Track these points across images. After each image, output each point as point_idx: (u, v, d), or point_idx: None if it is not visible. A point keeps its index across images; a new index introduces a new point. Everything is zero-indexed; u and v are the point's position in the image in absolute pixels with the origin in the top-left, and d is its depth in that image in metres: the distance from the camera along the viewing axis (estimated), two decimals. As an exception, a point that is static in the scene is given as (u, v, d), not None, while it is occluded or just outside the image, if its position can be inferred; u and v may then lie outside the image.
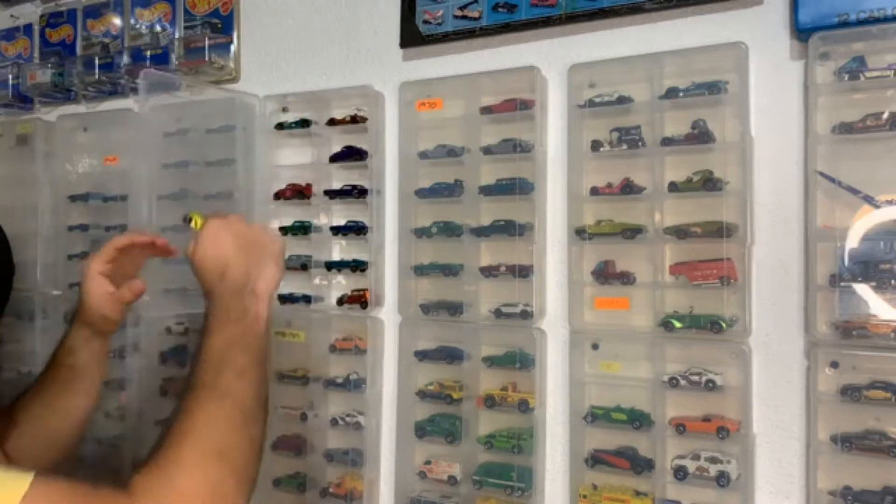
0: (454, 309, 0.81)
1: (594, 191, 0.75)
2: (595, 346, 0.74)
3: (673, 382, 0.70)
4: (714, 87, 0.69)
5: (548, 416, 0.77)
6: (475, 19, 0.79)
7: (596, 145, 0.74)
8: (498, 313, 0.79)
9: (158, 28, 1.06)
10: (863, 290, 0.64)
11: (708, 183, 0.69)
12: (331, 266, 0.90)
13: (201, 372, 0.53)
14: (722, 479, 0.68)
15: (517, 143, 0.78)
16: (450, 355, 0.82)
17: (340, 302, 0.89)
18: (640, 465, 0.71)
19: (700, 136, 0.70)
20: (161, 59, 1.04)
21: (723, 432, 0.68)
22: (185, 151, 1.01)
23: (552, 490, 0.77)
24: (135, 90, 1.08)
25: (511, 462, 0.78)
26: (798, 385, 0.67)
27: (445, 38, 0.81)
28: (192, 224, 0.64)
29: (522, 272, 0.77)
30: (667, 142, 0.71)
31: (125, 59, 1.06)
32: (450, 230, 0.82)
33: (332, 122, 0.91)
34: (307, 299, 0.92)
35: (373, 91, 0.88)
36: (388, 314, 0.88)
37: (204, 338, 0.56)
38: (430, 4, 0.82)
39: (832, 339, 0.64)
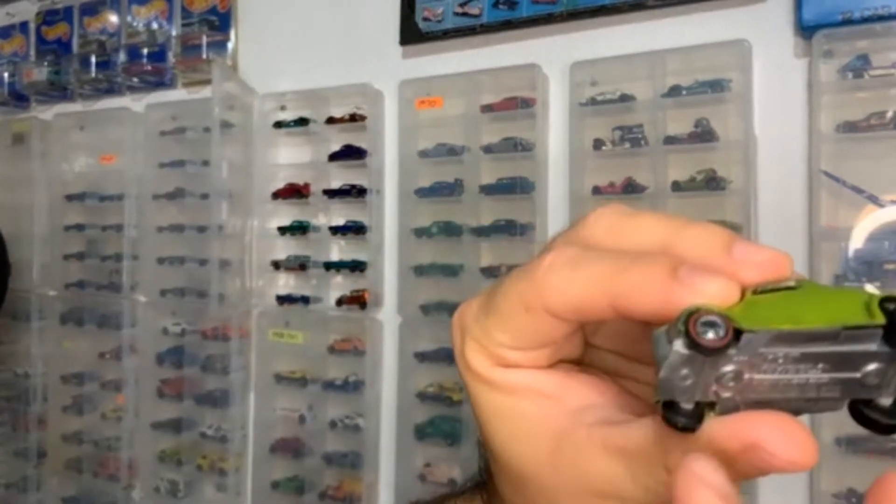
0: (455, 310, 0.80)
1: (596, 190, 0.74)
2: (597, 347, 0.74)
3: (675, 384, 0.70)
4: (717, 85, 0.68)
5: (549, 418, 0.77)
6: (475, 16, 0.78)
7: (598, 144, 0.74)
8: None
9: (155, 26, 1.05)
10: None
11: (711, 182, 0.69)
12: (329, 266, 0.89)
13: None
14: (725, 482, 0.67)
15: (518, 142, 0.77)
16: (450, 357, 0.81)
17: (339, 302, 0.89)
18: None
19: (703, 134, 0.69)
20: (158, 57, 1.03)
21: (726, 434, 0.67)
22: (182, 150, 1.01)
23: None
24: (131, 88, 1.07)
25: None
26: (802, 386, 0.66)
27: (445, 35, 0.81)
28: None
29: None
30: (669, 140, 0.70)
31: (122, 57, 1.05)
32: (450, 230, 0.82)
33: (330, 120, 0.90)
34: (305, 300, 0.91)
35: (372, 89, 0.87)
36: (387, 315, 0.87)
37: None
38: (430, 1, 0.82)
39: (836, 340, 0.63)
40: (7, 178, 1.16)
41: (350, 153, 0.88)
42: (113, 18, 1.10)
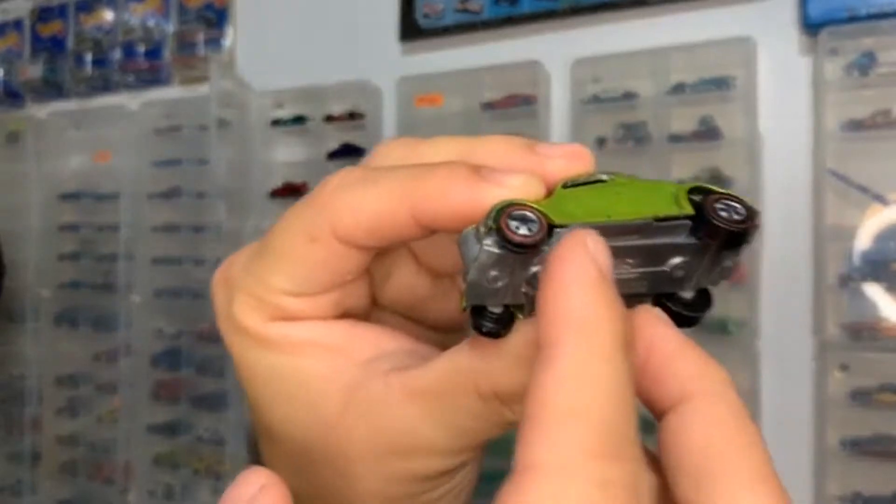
0: (454, 310, 0.79)
1: (598, 189, 0.73)
2: (599, 349, 0.73)
3: (679, 386, 0.69)
4: (722, 83, 0.68)
5: (550, 420, 0.76)
6: (476, 12, 0.78)
7: (601, 142, 0.73)
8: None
9: (151, 22, 1.04)
10: (873, 290, 0.62)
11: (715, 181, 0.68)
12: (328, 266, 0.88)
13: None
14: (729, 485, 0.66)
15: (519, 141, 0.76)
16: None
17: (337, 303, 0.87)
18: (645, 470, 0.70)
19: (707, 132, 0.68)
20: (154, 55, 1.02)
21: (730, 437, 0.67)
22: (178, 148, 0.99)
23: (555, 496, 0.76)
24: (127, 86, 1.06)
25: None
26: (807, 388, 0.66)
27: (445, 31, 0.80)
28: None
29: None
30: (673, 139, 0.69)
31: (117, 54, 1.04)
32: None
33: (329, 118, 0.89)
34: (303, 300, 0.90)
35: (371, 86, 0.86)
36: (386, 315, 0.86)
37: None
38: (429, -2, 0.81)
39: (842, 341, 0.63)
40: (1, 178, 1.15)
41: (349, 152, 0.87)
42: (108, 16, 1.08)
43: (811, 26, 0.64)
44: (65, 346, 1.10)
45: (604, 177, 0.18)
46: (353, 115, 0.87)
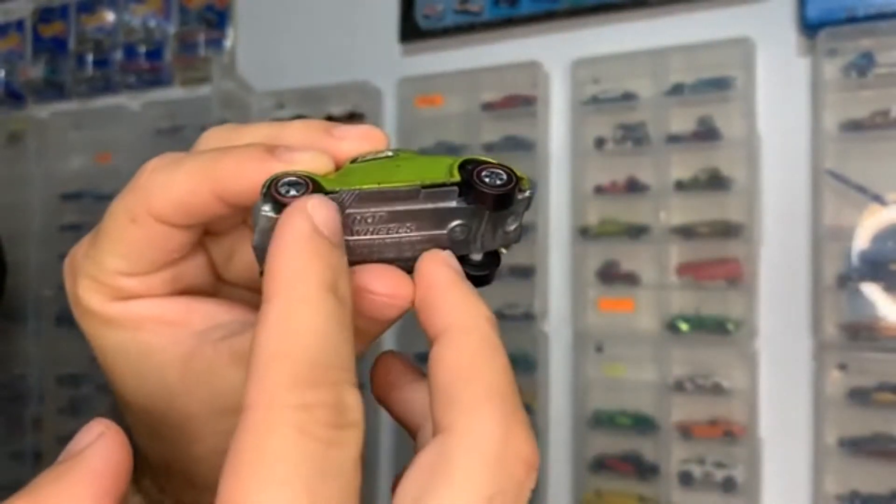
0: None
1: (598, 189, 0.73)
2: (599, 349, 0.73)
3: (678, 386, 0.69)
4: (721, 84, 0.68)
5: (550, 421, 0.76)
6: (476, 13, 0.78)
7: (600, 142, 0.73)
8: (499, 315, 0.77)
9: (153, 23, 1.04)
10: (871, 290, 0.63)
11: (714, 181, 0.68)
12: (328, 266, 0.89)
13: None
14: (728, 484, 0.67)
15: (519, 141, 0.76)
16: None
17: (338, 303, 0.88)
18: (644, 470, 0.70)
19: (706, 133, 0.69)
20: (155, 55, 1.02)
21: (729, 436, 0.67)
22: (179, 149, 1.00)
23: (555, 495, 0.76)
24: (128, 86, 1.06)
25: (512, 466, 0.76)
26: (805, 388, 0.66)
27: (445, 32, 0.80)
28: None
29: (524, 273, 0.75)
30: (672, 139, 0.70)
31: (119, 54, 1.04)
32: (450, 230, 0.81)
33: (329, 119, 0.89)
34: (304, 300, 0.90)
35: (371, 87, 0.86)
36: (386, 315, 0.86)
37: None
38: (429, -1, 0.81)
39: (840, 341, 0.63)
40: (2, 178, 1.15)
41: (349, 152, 0.87)
42: (109, 16, 1.09)
43: (810, 27, 0.64)
44: (66, 345, 1.10)
45: (389, 153, 0.19)
46: (353, 116, 0.87)
